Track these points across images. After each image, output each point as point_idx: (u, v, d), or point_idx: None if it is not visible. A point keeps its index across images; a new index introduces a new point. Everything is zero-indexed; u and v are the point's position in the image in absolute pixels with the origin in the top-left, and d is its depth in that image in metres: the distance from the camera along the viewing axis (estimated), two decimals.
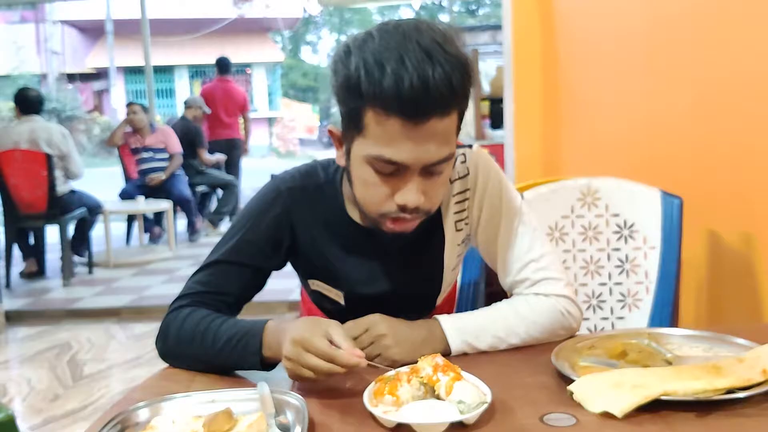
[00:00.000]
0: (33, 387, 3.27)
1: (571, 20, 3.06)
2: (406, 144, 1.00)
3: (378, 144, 1.02)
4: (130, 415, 0.90)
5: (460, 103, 1.03)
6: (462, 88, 1.00)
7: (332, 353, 0.94)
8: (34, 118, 5.06)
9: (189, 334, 1.11)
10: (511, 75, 3.49)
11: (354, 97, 1.01)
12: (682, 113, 1.99)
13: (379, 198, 1.07)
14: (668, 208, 1.64)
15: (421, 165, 1.02)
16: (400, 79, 0.95)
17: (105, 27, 18.24)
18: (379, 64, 0.97)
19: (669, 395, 0.88)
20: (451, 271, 1.29)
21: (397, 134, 1.00)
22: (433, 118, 0.99)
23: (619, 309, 1.70)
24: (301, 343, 0.96)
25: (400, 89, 0.95)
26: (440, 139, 1.02)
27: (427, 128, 0.99)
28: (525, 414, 0.90)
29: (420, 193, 1.04)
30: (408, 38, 0.98)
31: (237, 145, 7.33)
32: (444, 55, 0.97)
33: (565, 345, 1.10)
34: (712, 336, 1.12)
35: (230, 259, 1.19)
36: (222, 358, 1.08)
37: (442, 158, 1.03)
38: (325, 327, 0.99)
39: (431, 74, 0.96)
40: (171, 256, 6.07)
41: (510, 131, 3.56)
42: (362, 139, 1.04)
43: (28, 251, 5.40)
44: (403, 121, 0.98)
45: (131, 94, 19.37)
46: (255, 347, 1.06)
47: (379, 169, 1.04)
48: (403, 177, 1.04)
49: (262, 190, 1.24)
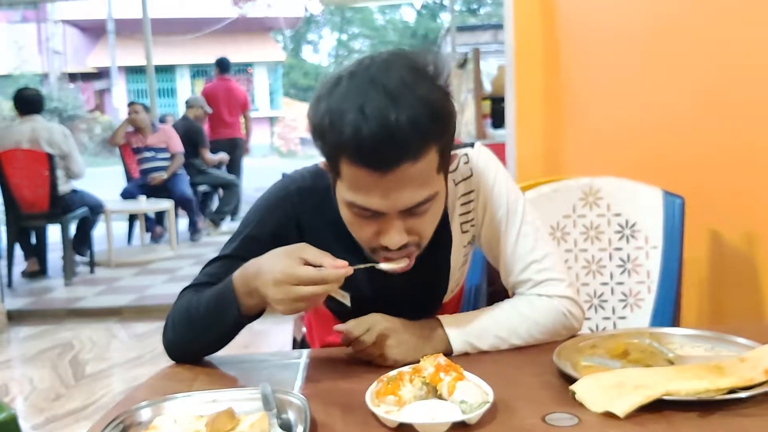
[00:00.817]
0: (35, 386, 3.27)
1: (572, 19, 3.05)
2: (377, 192, 0.98)
3: (351, 190, 1.00)
4: (133, 415, 0.91)
5: (437, 140, 0.99)
6: (433, 128, 0.97)
7: (320, 275, 0.96)
8: (34, 117, 5.06)
9: (182, 313, 1.14)
10: (513, 74, 3.48)
11: (325, 145, 1.00)
12: (683, 112, 1.99)
13: (366, 237, 1.07)
14: (670, 207, 1.64)
15: (397, 210, 1.01)
16: (359, 130, 0.93)
17: (106, 26, 18.24)
18: (340, 114, 0.95)
19: (671, 395, 0.88)
20: (458, 270, 1.29)
21: (367, 183, 0.98)
22: (403, 164, 0.95)
23: (620, 309, 1.70)
24: (285, 280, 0.97)
25: (359, 140, 0.93)
26: (416, 184, 0.99)
27: (398, 175, 0.96)
28: (527, 414, 0.90)
29: (402, 234, 1.03)
30: (373, 82, 0.95)
31: (239, 144, 7.35)
32: (412, 97, 0.94)
33: (567, 345, 1.10)
34: (714, 336, 1.12)
35: (237, 254, 1.19)
36: (206, 324, 1.10)
37: (420, 201, 1.01)
38: (298, 253, 0.99)
39: (394, 121, 0.92)
40: (172, 255, 6.08)
41: (511, 130, 3.56)
42: (340, 182, 1.03)
43: (30, 251, 5.41)
44: (370, 171, 0.96)
45: (133, 93, 19.39)
46: (233, 308, 1.06)
47: (358, 214, 1.03)
48: (385, 219, 1.02)
49: (272, 189, 1.25)
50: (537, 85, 3.41)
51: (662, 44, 2.11)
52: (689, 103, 1.95)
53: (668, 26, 2.07)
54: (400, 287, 1.22)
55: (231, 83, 7.45)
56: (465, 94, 5.28)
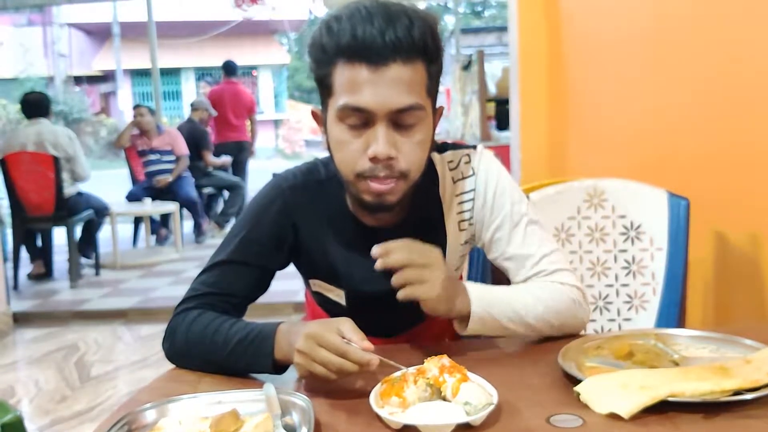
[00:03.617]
0: (40, 388, 3.28)
1: (577, 21, 3.05)
2: (369, 89, 1.03)
3: (344, 94, 1.05)
4: (138, 416, 0.91)
5: (426, 57, 1.06)
6: (424, 39, 1.04)
7: (344, 348, 0.95)
8: (40, 121, 5.09)
9: (198, 336, 1.11)
10: (517, 76, 3.48)
11: (321, 58, 1.07)
12: (688, 114, 1.98)
13: (352, 156, 1.08)
14: (675, 209, 1.64)
15: (386, 111, 1.04)
16: (354, 29, 1.02)
17: (112, 30, 18.30)
18: (337, 20, 1.04)
19: (676, 396, 0.88)
20: (454, 271, 1.29)
21: (360, 80, 1.03)
22: (394, 63, 1.03)
23: (626, 310, 1.69)
24: (313, 337, 0.97)
25: (355, 37, 1.02)
26: (404, 87, 1.04)
27: (389, 73, 1.03)
28: (532, 415, 0.90)
29: (389, 144, 1.05)
30: (371, 2, 1.05)
31: (245, 147, 7.35)
32: (406, 13, 1.03)
33: (572, 345, 1.10)
34: (719, 337, 1.11)
35: (234, 258, 1.19)
36: (232, 360, 1.08)
37: (407, 105, 1.05)
38: (336, 324, 0.99)
39: (390, 21, 1.02)
40: (178, 257, 6.09)
41: (516, 132, 3.56)
42: (332, 98, 1.08)
43: (36, 253, 5.42)
44: (365, 66, 1.03)
45: (138, 96, 19.45)
46: (267, 349, 1.06)
47: (348, 123, 1.07)
48: (373, 130, 1.06)
49: (264, 189, 1.25)
50: (541, 87, 3.41)
51: (666, 46, 2.11)
52: (694, 105, 1.95)
53: (672, 28, 2.07)
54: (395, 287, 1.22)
55: (238, 86, 7.46)
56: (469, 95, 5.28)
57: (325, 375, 0.97)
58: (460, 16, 11.85)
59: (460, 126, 5.37)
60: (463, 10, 21.82)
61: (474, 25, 21.21)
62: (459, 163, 1.23)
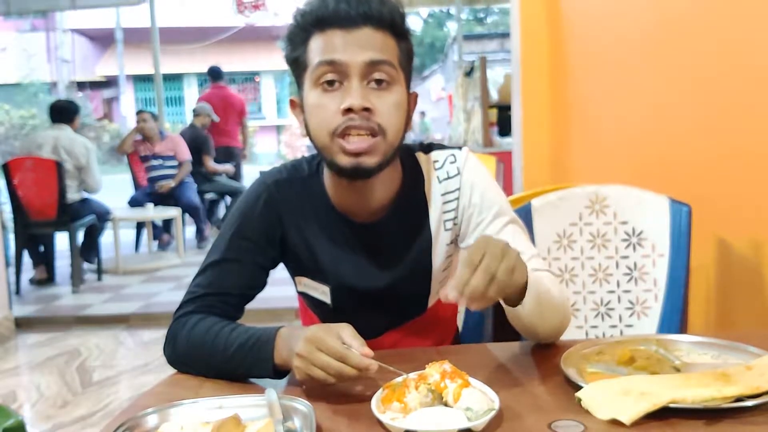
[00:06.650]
0: (42, 393, 3.28)
1: (579, 27, 3.06)
2: (342, 45, 1.08)
3: (320, 54, 1.09)
4: (139, 421, 0.91)
5: (395, 31, 1.11)
6: (392, 15, 1.10)
7: (344, 352, 0.96)
8: (62, 126, 5.23)
9: (199, 341, 1.12)
10: (519, 82, 3.49)
11: (297, 36, 1.12)
12: (690, 120, 1.99)
13: (327, 115, 1.09)
14: (677, 215, 1.64)
15: (359, 63, 1.07)
16: (329, 1, 1.08)
17: (115, 35, 18.36)
18: (310, 3, 1.10)
19: (677, 403, 0.88)
20: (442, 272, 1.28)
21: (334, 41, 1.08)
22: (365, 27, 1.08)
23: (627, 317, 1.69)
24: (314, 341, 0.98)
25: (328, 5, 1.08)
26: (377, 46, 1.09)
27: (362, 35, 1.08)
28: (533, 421, 0.90)
29: (363, 97, 1.07)
30: None
31: (235, 153, 7.26)
32: None
33: (573, 351, 1.10)
34: (721, 343, 1.11)
35: (227, 257, 1.20)
36: (233, 364, 1.09)
37: (379, 59, 1.08)
38: (337, 329, 1.00)
39: None
40: (180, 263, 6.09)
41: (518, 138, 3.57)
42: (308, 69, 1.11)
43: (38, 258, 5.43)
44: (337, 30, 1.08)
45: (141, 101, 19.49)
46: (267, 353, 1.06)
47: (324, 81, 1.09)
48: (347, 86, 1.08)
49: (250, 187, 1.27)
50: (543, 93, 3.42)
51: (668, 52, 2.12)
52: (695, 111, 1.95)
53: (674, 35, 2.07)
54: (380, 282, 1.22)
55: (226, 91, 7.39)
56: (472, 102, 5.29)
57: (324, 379, 0.97)
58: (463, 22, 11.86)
59: (462, 132, 5.37)
60: (466, 16, 21.88)
61: (476, 31, 21.25)
62: (444, 162, 1.24)
